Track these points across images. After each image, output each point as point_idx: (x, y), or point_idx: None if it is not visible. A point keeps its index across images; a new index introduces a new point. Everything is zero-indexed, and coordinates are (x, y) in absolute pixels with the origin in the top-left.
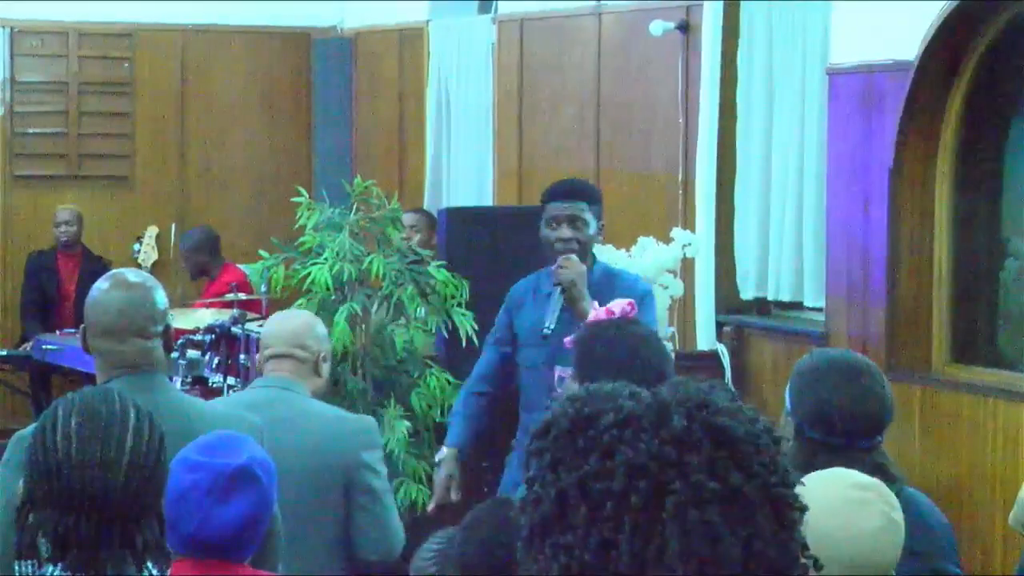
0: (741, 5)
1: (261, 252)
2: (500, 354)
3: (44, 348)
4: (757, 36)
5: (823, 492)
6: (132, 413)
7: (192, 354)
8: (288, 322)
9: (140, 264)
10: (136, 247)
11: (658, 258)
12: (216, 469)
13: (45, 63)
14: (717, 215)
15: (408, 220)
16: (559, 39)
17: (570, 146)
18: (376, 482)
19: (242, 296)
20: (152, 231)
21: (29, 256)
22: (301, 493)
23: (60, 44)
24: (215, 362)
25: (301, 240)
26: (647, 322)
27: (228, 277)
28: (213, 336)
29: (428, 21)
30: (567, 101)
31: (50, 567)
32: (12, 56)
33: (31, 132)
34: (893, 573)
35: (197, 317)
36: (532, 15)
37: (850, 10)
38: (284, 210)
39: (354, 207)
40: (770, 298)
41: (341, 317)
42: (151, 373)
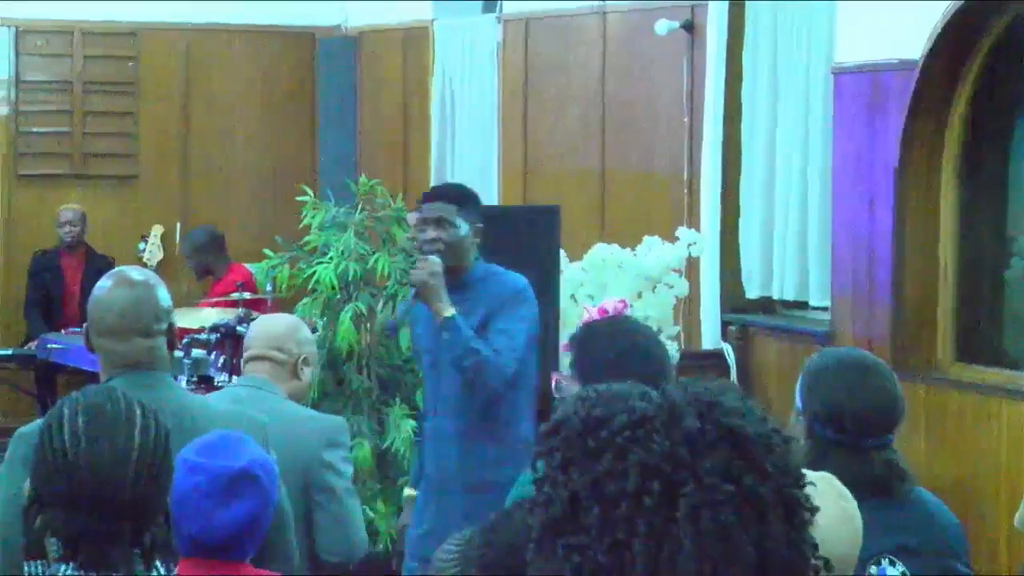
0: (746, 4)
1: (266, 251)
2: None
3: (49, 347)
4: (762, 35)
5: None
6: (138, 411)
7: (197, 353)
8: (268, 325)
9: (145, 263)
10: (141, 246)
11: (663, 257)
12: (217, 472)
13: (49, 62)
14: (722, 214)
15: (412, 219)
16: (564, 38)
17: (575, 145)
18: (336, 481)
19: (247, 295)
20: (157, 230)
21: (33, 255)
22: None
23: (65, 43)
24: (220, 361)
25: (306, 239)
26: (510, 322)
27: (234, 276)
28: (218, 335)
29: (433, 20)
30: (572, 100)
31: (61, 567)
32: (17, 55)
33: (36, 131)
34: (851, 571)
35: (202, 316)
36: (537, 14)
37: (855, 9)
38: (289, 209)
39: (359, 206)
40: (775, 297)
41: (346, 316)
42: (154, 371)
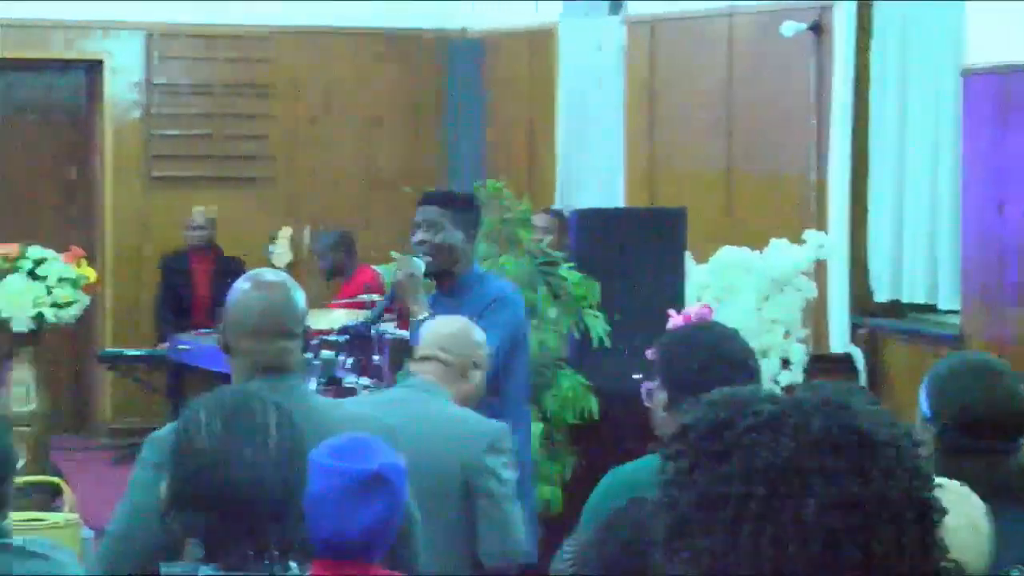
0: (874, 5)
1: (393, 253)
2: None
3: (180, 348)
4: (890, 36)
5: None
6: (274, 413)
7: (326, 354)
8: (441, 326)
9: (274, 265)
10: (270, 248)
11: (791, 260)
12: (349, 474)
13: (184, 65)
14: (850, 216)
15: (539, 222)
16: (690, 40)
17: (701, 147)
18: (497, 487)
19: (376, 297)
20: (286, 232)
21: (163, 258)
22: (420, 492)
23: (199, 47)
24: (349, 363)
25: None
26: (489, 328)
27: (363, 278)
28: (348, 337)
29: (558, 23)
30: (698, 102)
31: (202, 568)
32: (152, 59)
33: (169, 134)
34: None
35: (332, 318)
36: (663, 16)
37: (985, 10)
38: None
39: (485, 209)
40: (904, 300)
41: None
42: (289, 374)
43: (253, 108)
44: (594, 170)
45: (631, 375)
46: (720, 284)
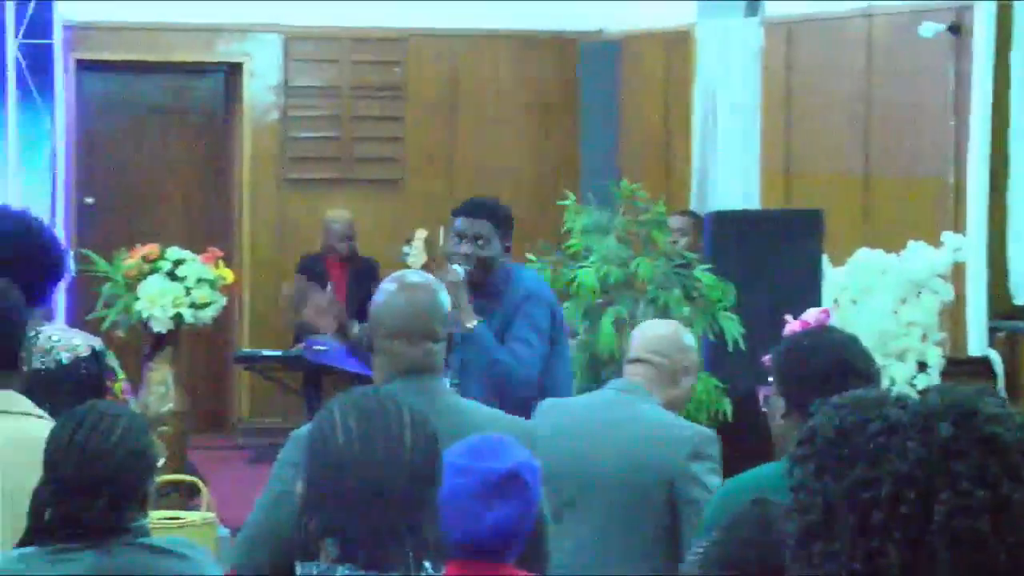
0: (1014, 5)
1: (528, 255)
2: None
3: (315, 349)
4: None
5: None
6: (408, 413)
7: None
8: (652, 329)
9: (409, 266)
10: (405, 249)
11: (929, 262)
12: (483, 473)
13: (319, 68)
14: (989, 219)
15: (675, 223)
16: (827, 41)
17: (838, 149)
18: (700, 494)
19: None
20: (421, 234)
21: (300, 260)
22: (620, 496)
23: (334, 49)
24: None
25: (568, 243)
26: (524, 329)
27: None
28: None
29: (695, 24)
30: (835, 103)
31: (338, 567)
32: (287, 61)
33: (305, 136)
34: None
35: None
36: (800, 17)
37: None
38: (551, 213)
39: (620, 210)
40: None
41: (607, 321)
42: (431, 376)
43: (387, 110)
44: (729, 172)
45: (766, 378)
46: (857, 286)
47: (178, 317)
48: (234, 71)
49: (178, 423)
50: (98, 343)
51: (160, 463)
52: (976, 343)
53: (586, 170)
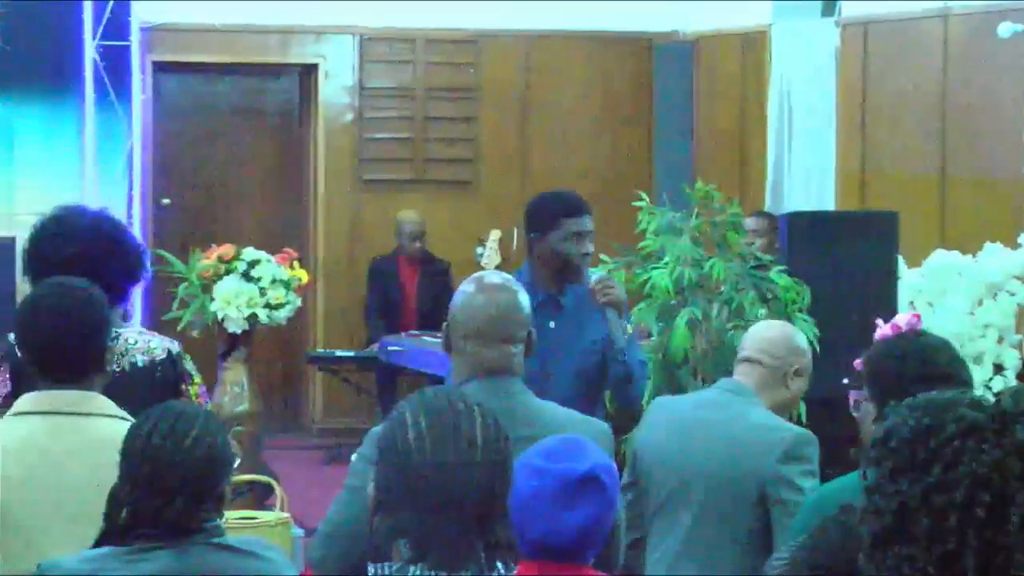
0: None
1: (603, 256)
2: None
3: (389, 349)
4: None
5: None
6: (478, 413)
7: None
8: (764, 330)
9: (483, 267)
10: (479, 250)
11: (1005, 264)
12: (561, 475)
13: (393, 69)
14: None
15: (750, 224)
16: (904, 42)
17: (914, 150)
18: (791, 495)
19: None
20: (495, 235)
21: (372, 261)
22: (714, 495)
23: (407, 51)
24: None
25: (642, 244)
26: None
27: None
28: None
29: (771, 25)
30: (911, 104)
31: (411, 568)
32: (361, 63)
33: (379, 137)
34: None
35: None
36: (876, 17)
37: None
38: (625, 214)
39: (695, 211)
40: None
41: (681, 321)
42: (508, 377)
43: (461, 111)
44: (804, 173)
45: (840, 380)
46: (933, 288)
47: (253, 317)
48: (309, 72)
49: (252, 423)
50: (175, 347)
51: (236, 464)
52: None
53: (660, 171)
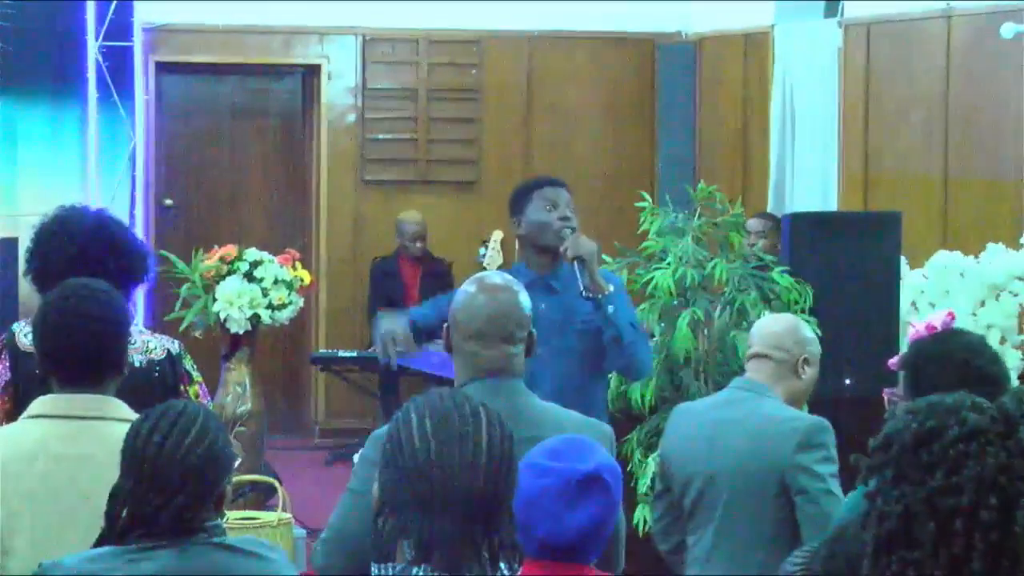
0: None
1: (604, 256)
2: None
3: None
4: None
5: None
6: (483, 414)
7: None
8: (770, 324)
9: (485, 268)
10: (481, 251)
11: (1007, 265)
12: (565, 474)
13: (396, 70)
14: None
15: (753, 225)
16: (907, 42)
17: (917, 151)
18: (810, 483)
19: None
20: (497, 235)
21: (373, 262)
22: (739, 492)
23: (410, 51)
24: None
25: (644, 245)
26: (630, 309)
27: None
28: None
29: (773, 25)
30: (914, 106)
31: (414, 569)
32: (365, 63)
33: (382, 138)
34: None
35: None
36: (879, 18)
37: None
38: (627, 215)
39: (697, 212)
40: None
41: (683, 322)
42: (510, 377)
43: (464, 112)
44: (807, 173)
45: (843, 380)
46: (935, 289)
47: (255, 318)
48: (312, 73)
49: (255, 423)
50: (175, 347)
51: (237, 463)
52: None
53: (663, 172)
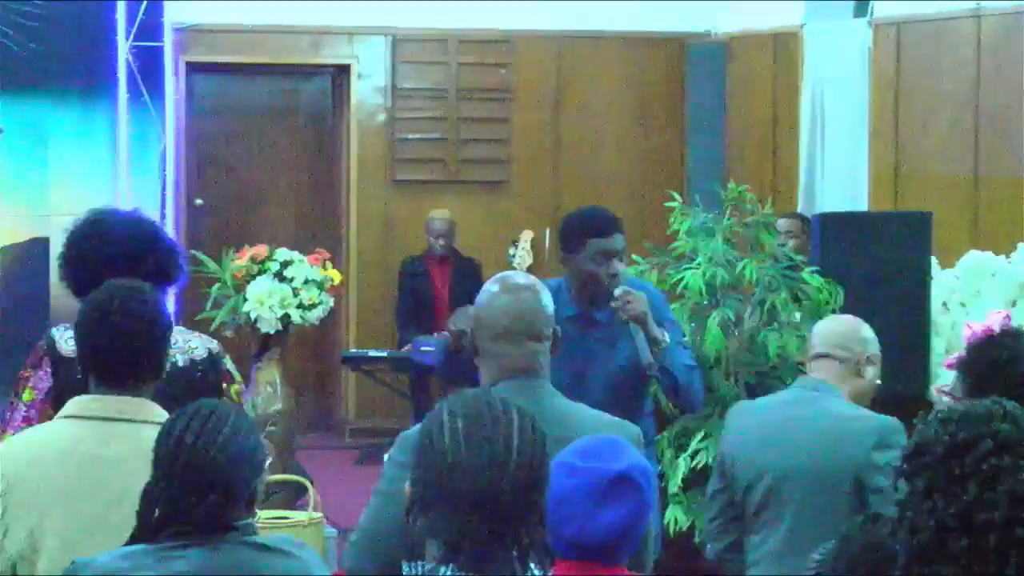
0: None
1: (635, 257)
2: None
3: (422, 350)
4: None
5: None
6: (515, 415)
7: None
8: (833, 324)
9: (515, 268)
10: (511, 251)
11: None
12: (597, 474)
13: (425, 70)
14: None
15: (783, 225)
16: (937, 41)
17: (947, 150)
18: (887, 483)
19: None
20: (527, 235)
21: (403, 262)
22: (811, 492)
23: (440, 51)
24: None
25: (674, 245)
26: (677, 332)
27: None
28: None
29: (803, 25)
30: (944, 104)
31: (442, 568)
32: (394, 63)
33: (411, 138)
34: None
35: None
36: (909, 17)
37: None
38: (657, 215)
39: (727, 212)
40: None
41: (714, 322)
42: (536, 377)
43: (493, 112)
44: (837, 173)
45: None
46: (966, 289)
47: (286, 318)
48: (342, 73)
49: (285, 423)
50: (215, 346)
51: (267, 463)
52: None
53: (693, 172)
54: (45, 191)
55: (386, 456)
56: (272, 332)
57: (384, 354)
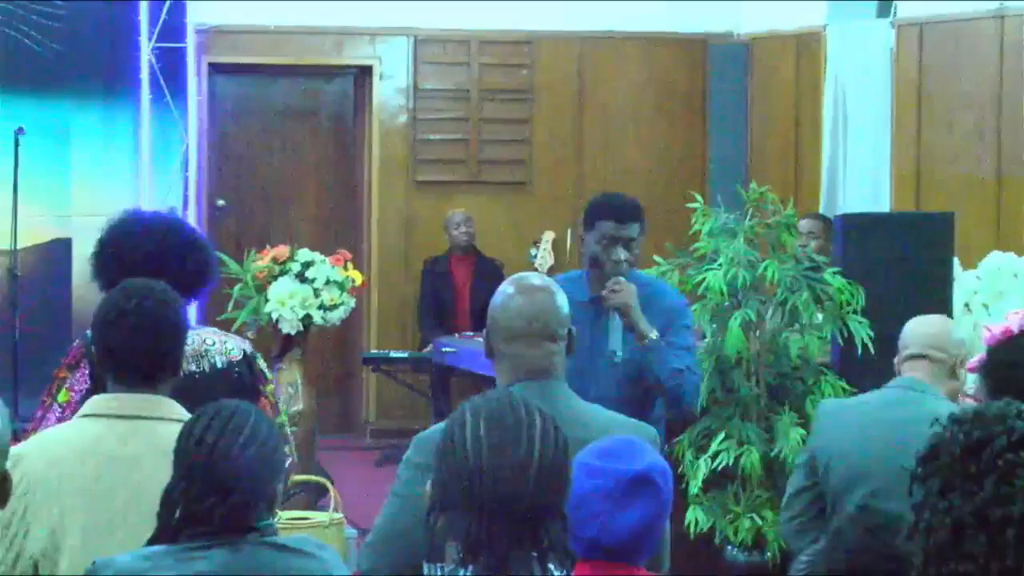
0: None
1: (656, 258)
2: None
3: (443, 351)
4: None
5: None
6: (538, 418)
7: None
8: (926, 325)
9: (536, 269)
10: (533, 252)
11: None
12: (616, 474)
13: (447, 71)
14: None
15: (804, 226)
16: (959, 42)
17: (970, 151)
18: None
19: None
20: (548, 236)
21: (424, 262)
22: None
23: (462, 52)
24: None
25: (696, 246)
26: (687, 339)
27: None
28: None
29: (825, 25)
30: (967, 105)
31: (461, 570)
32: (416, 64)
33: (433, 138)
34: None
35: None
36: (932, 18)
37: None
38: (679, 216)
39: (749, 213)
40: None
41: (735, 323)
42: (552, 378)
43: (515, 112)
44: (860, 174)
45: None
46: (988, 290)
47: (307, 318)
48: (363, 74)
49: (306, 424)
50: (249, 347)
51: (289, 463)
52: None
53: (714, 172)
54: (67, 192)
55: (403, 459)
56: (293, 333)
57: (405, 355)
